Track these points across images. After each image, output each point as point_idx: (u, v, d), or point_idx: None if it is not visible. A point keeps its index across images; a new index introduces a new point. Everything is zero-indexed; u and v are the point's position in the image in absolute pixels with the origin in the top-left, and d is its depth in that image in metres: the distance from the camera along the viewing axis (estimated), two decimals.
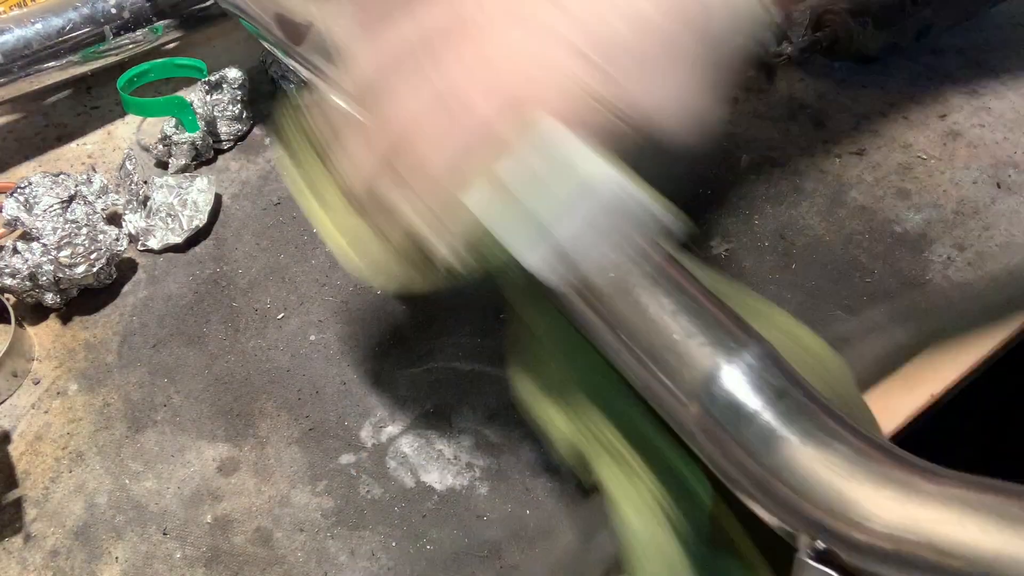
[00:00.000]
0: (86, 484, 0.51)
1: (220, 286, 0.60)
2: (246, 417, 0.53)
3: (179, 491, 0.50)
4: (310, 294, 0.59)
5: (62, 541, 0.48)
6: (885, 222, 0.63)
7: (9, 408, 0.54)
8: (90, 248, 0.56)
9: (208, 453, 0.52)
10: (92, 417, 0.53)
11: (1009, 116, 0.69)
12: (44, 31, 0.64)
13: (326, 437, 0.52)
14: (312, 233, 0.63)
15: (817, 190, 0.65)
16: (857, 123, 0.69)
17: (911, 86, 0.72)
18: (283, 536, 0.48)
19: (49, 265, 0.55)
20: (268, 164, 0.67)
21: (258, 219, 0.64)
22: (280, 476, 0.51)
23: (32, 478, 0.51)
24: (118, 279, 0.60)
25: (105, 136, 0.70)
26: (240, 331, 0.57)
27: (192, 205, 0.61)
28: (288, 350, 0.56)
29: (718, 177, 0.66)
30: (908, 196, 0.64)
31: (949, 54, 0.75)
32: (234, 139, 0.68)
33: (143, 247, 0.61)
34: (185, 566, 0.47)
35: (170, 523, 0.49)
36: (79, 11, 0.65)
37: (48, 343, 0.57)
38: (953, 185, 0.65)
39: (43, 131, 0.70)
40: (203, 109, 0.65)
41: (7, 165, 0.68)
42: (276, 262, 0.61)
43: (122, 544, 0.48)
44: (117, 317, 0.58)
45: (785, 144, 0.68)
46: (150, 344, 0.57)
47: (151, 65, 0.69)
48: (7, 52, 0.63)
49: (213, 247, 0.62)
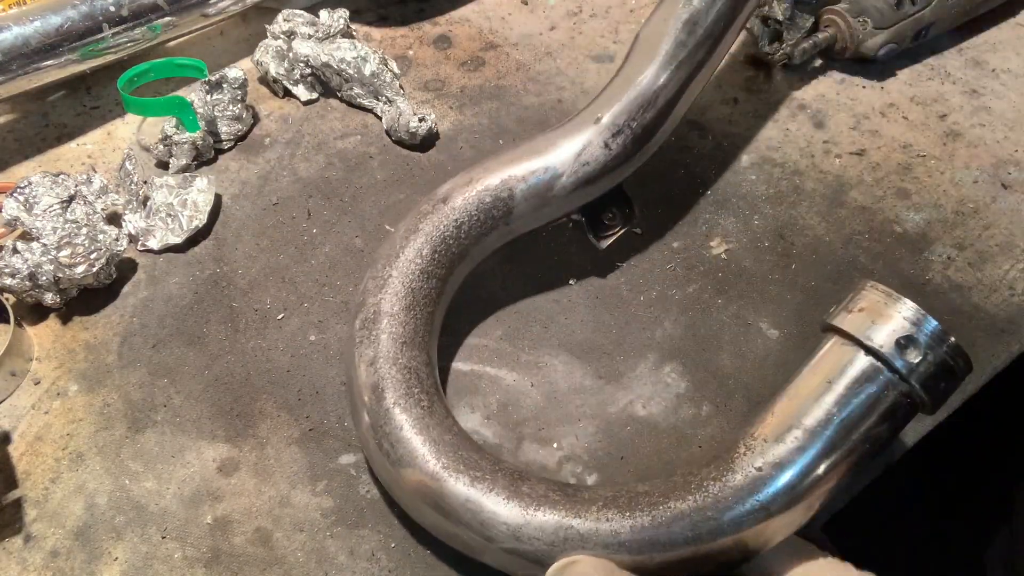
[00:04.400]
0: (86, 484, 0.51)
1: (220, 286, 0.60)
2: (246, 417, 0.53)
3: (179, 491, 0.50)
4: (310, 294, 0.59)
5: (62, 541, 0.48)
6: (885, 222, 0.63)
7: (9, 408, 0.54)
8: (90, 248, 0.56)
9: (208, 453, 0.52)
10: (92, 417, 0.53)
11: (1009, 116, 0.69)
12: (43, 29, 0.64)
13: (326, 437, 0.52)
14: (312, 233, 0.63)
15: (817, 190, 0.65)
16: (857, 123, 0.69)
17: (911, 86, 0.72)
18: (283, 536, 0.48)
19: (49, 265, 0.55)
20: (268, 164, 0.67)
21: (258, 219, 0.64)
22: (280, 476, 0.51)
23: (32, 478, 0.51)
24: (118, 279, 0.60)
25: (105, 136, 0.70)
26: (240, 331, 0.57)
27: (192, 205, 0.61)
28: (288, 350, 0.56)
29: (718, 177, 0.66)
30: (908, 196, 0.64)
31: (949, 54, 0.75)
32: (234, 139, 0.68)
33: (143, 247, 0.61)
34: (185, 566, 0.47)
35: (170, 523, 0.49)
36: (77, 9, 0.65)
37: (48, 343, 0.57)
38: (953, 185, 0.65)
39: (43, 131, 0.70)
40: (203, 109, 0.65)
41: (7, 165, 0.68)
42: (276, 262, 0.61)
43: (122, 544, 0.48)
44: (117, 317, 0.58)
45: (785, 144, 0.68)
46: (150, 344, 0.57)
47: (151, 65, 0.69)
48: (5, 50, 0.63)
49: (213, 247, 0.62)
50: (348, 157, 0.68)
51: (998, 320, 0.57)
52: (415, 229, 0.51)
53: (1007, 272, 0.60)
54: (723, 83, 0.72)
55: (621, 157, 0.54)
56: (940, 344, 0.40)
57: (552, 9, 0.79)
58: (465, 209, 0.52)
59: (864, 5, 0.70)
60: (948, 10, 0.71)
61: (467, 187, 0.52)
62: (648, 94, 0.53)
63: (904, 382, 0.40)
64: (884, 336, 0.40)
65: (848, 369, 0.41)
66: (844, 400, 0.40)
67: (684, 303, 0.58)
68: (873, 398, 0.40)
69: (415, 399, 0.45)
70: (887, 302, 0.41)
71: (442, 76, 0.74)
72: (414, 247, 0.50)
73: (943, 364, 0.40)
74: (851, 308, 0.42)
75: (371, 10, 0.79)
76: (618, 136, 0.53)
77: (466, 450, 0.44)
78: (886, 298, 0.41)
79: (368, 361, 0.47)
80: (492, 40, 0.76)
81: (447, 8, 0.79)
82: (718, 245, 0.62)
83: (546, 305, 0.58)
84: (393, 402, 0.45)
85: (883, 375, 0.40)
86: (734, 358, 0.56)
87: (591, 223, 0.57)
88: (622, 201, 0.58)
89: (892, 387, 0.40)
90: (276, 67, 0.70)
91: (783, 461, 0.40)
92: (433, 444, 0.44)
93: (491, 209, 0.52)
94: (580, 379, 0.55)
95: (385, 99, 0.69)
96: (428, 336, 0.49)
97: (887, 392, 0.40)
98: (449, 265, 0.51)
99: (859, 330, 0.41)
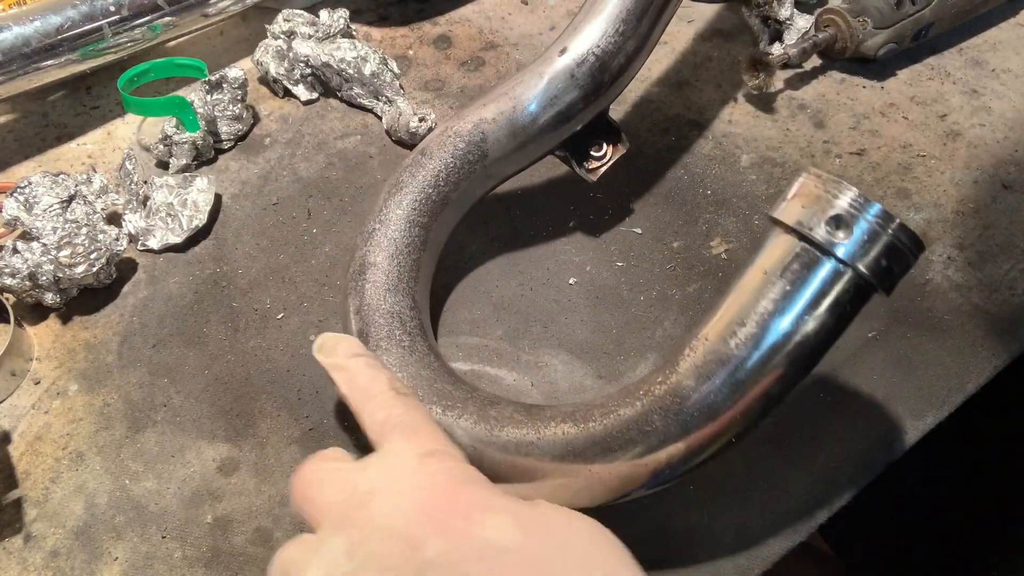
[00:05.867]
0: (86, 484, 0.51)
1: (220, 286, 0.60)
2: (246, 417, 0.53)
3: (179, 491, 0.50)
4: (310, 294, 0.59)
5: (62, 541, 0.48)
6: None
7: (9, 408, 0.54)
8: (90, 248, 0.56)
9: (208, 453, 0.52)
10: (92, 417, 0.53)
11: (1009, 116, 0.69)
12: (43, 29, 0.64)
13: (326, 437, 0.52)
14: (312, 233, 0.63)
15: None
16: (857, 123, 0.69)
17: (911, 86, 0.72)
18: (283, 536, 0.48)
19: (49, 265, 0.55)
20: (268, 164, 0.67)
21: (258, 219, 0.64)
22: (280, 476, 0.51)
23: (32, 478, 0.51)
24: (118, 279, 0.60)
25: (105, 136, 0.70)
26: (240, 331, 0.57)
27: (192, 205, 0.61)
28: (288, 350, 0.56)
29: (718, 177, 0.66)
30: (908, 196, 0.64)
31: (949, 54, 0.75)
32: (234, 139, 0.68)
33: (143, 247, 0.61)
34: (185, 566, 0.47)
35: (170, 523, 0.49)
36: (77, 9, 0.65)
37: (48, 343, 0.57)
38: (953, 185, 0.65)
39: (43, 131, 0.70)
40: (203, 109, 0.65)
41: (7, 165, 0.68)
42: (276, 262, 0.61)
43: (122, 544, 0.48)
44: (117, 317, 0.58)
45: (785, 144, 0.68)
46: (150, 344, 0.57)
47: (151, 65, 0.69)
48: (5, 50, 0.63)
49: (213, 247, 0.62)
50: (348, 157, 0.68)
51: (999, 320, 0.57)
52: (396, 183, 0.53)
53: (1007, 272, 0.60)
54: (723, 83, 0.72)
55: (589, 87, 0.54)
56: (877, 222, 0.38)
57: (552, 9, 0.79)
58: (441, 158, 0.53)
59: (864, 5, 0.70)
60: (948, 10, 0.71)
61: (442, 136, 0.54)
62: (613, 19, 0.53)
63: (843, 264, 0.38)
64: (818, 221, 0.38)
65: (785, 259, 0.39)
66: (785, 293, 0.39)
67: (684, 303, 0.58)
68: (813, 285, 0.39)
69: (396, 340, 0.48)
70: (825, 188, 0.39)
71: (442, 76, 0.74)
72: (395, 200, 0.52)
73: (884, 242, 0.38)
74: (787, 197, 0.41)
75: (371, 10, 0.79)
76: (582, 65, 0.53)
77: (442, 382, 0.46)
78: (823, 184, 0.39)
79: (355, 310, 0.49)
80: (492, 40, 0.76)
81: (447, 8, 0.79)
82: (718, 245, 0.62)
83: (546, 305, 0.58)
84: (375, 345, 0.48)
85: (821, 261, 0.38)
86: None
87: (576, 156, 0.57)
88: (608, 130, 0.57)
89: (832, 272, 0.38)
90: (276, 67, 0.70)
91: (727, 358, 0.39)
92: (411, 379, 0.46)
93: (466, 154, 0.53)
94: (580, 379, 0.55)
95: (385, 99, 0.69)
96: (414, 282, 0.51)
97: (827, 277, 0.38)
98: (431, 213, 0.53)
99: (794, 218, 0.39)
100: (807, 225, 0.39)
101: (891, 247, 0.38)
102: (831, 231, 0.38)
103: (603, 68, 0.53)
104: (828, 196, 0.39)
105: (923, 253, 0.40)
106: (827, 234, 0.38)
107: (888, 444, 0.52)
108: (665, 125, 0.69)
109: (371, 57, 0.68)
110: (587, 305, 0.58)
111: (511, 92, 0.54)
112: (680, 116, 0.70)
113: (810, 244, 0.39)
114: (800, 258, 0.39)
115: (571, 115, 0.54)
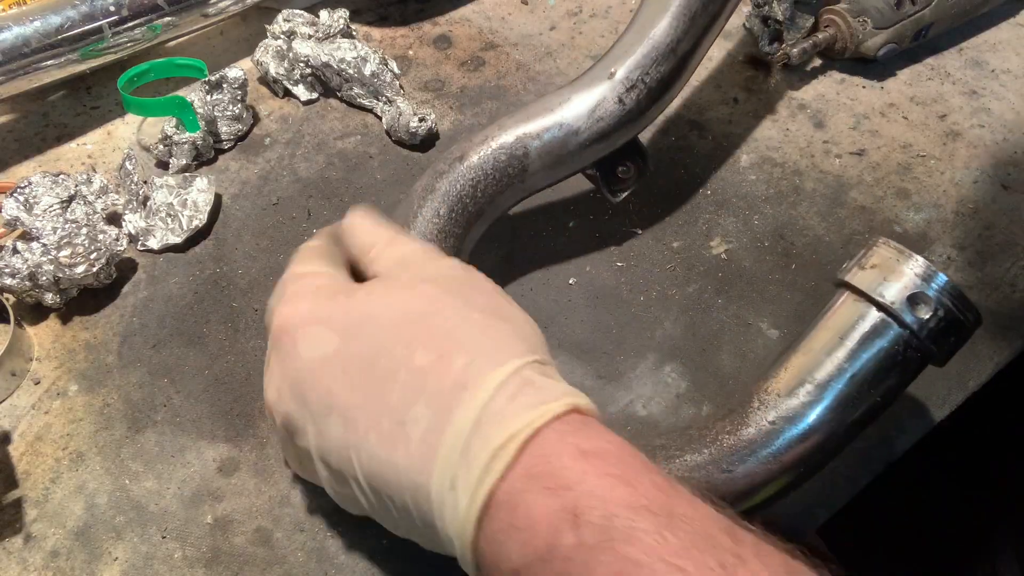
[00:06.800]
0: (86, 484, 0.51)
1: (220, 286, 0.60)
2: (246, 417, 0.53)
3: (179, 491, 0.50)
4: None
5: (62, 541, 0.48)
6: (885, 222, 0.63)
7: (9, 408, 0.54)
8: (90, 248, 0.56)
9: (208, 453, 0.52)
10: (92, 417, 0.53)
11: (1009, 116, 0.69)
12: (43, 29, 0.64)
13: None
14: (312, 233, 0.62)
15: (817, 190, 0.65)
16: (857, 123, 0.69)
17: (911, 86, 0.72)
18: (283, 536, 0.48)
19: (49, 265, 0.55)
20: (268, 164, 0.67)
21: (258, 219, 0.64)
22: (280, 476, 0.51)
23: (32, 478, 0.51)
24: (118, 279, 0.60)
25: (105, 136, 0.70)
26: (240, 331, 0.57)
27: (192, 205, 0.61)
28: None
29: (718, 177, 0.66)
30: (908, 196, 0.64)
31: (949, 54, 0.75)
32: (234, 139, 0.68)
33: (143, 247, 0.61)
34: (185, 566, 0.47)
35: (170, 523, 0.49)
36: (77, 9, 0.65)
37: (48, 343, 0.57)
38: (953, 185, 0.65)
39: (43, 131, 0.70)
40: (203, 109, 0.65)
41: (7, 165, 0.68)
42: (276, 262, 0.61)
43: (122, 544, 0.48)
44: (117, 317, 0.58)
45: (785, 144, 0.68)
46: (150, 344, 0.57)
47: (151, 65, 0.69)
48: (5, 50, 0.63)
49: (213, 247, 0.62)
50: (348, 157, 0.68)
51: (1000, 317, 0.57)
52: (432, 188, 0.52)
53: (1008, 270, 0.60)
54: (723, 83, 0.72)
55: (635, 112, 0.54)
56: (950, 299, 0.41)
57: (552, 9, 0.80)
58: (481, 167, 0.52)
59: (864, 5, 0.70)
60: (948, 10, 0.71)
61: (482, 145, 0.53)
62: (662, 47, 0.53)
63: (915, 337, 0.41)
64: (895, 292, 0.42)
65: (860, 324, 0.42)
66: (855, 355, 0.42)
67: (684, 303, 0.58)
68: (883, 352, 0.42)
69: None
70: (898, 258, 0.42)
71: (442, 76, 0.74)
72: (431, 207, 0.51)
73: (952, 319, 0.41)
74: (863, 264, 0.44)
75: (371, 10, 0.79)
76: (632, 91, 0.53)
77: None
78: (897, 254, 0.43)
79: None
80: (492, 40, 0.76)
81: (447, 8, 0.79)
82: (718, 245, 0.62)
83: (546, 305, 0.58)
84: None
85: (893, 330, 0.42)
86: (734, 358, 0.56)
87: (605, 177, 0.57)
88: (636, 154, 0.57)
89: (902, 342, 0.41)
90: (276, 67, 0.70)
91: (795, 415, 0.42)
92: None
93: (506, 167, 0.52)
94: (580, 379, 0.55)
95: (385, 99, 0.69)
96: None
97: (897, 347, 0.41)
98: (466, 224, 0.52)
99: (871, 286, 0.42)
100: (888, 297, 0.42)
101: (957, 322, 0.42)
102: (907, 306, 0.41)
103: (651, 95, 0.54)
104: (905, 269, 0.42)
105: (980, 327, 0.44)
106: (904, 307, 0.41)
107: (888, 444, 0.52)
108: (665, 125, 0.69)
109: (371, 57, 0.68)
110: (587, 305, 0.58)
111: (556, 108, 0.53)
112: (680, 116, 0.70)
113: (888, 315, 0.42)
114: (876, 327, 0.42)
115: (613, 137, 0.54)
